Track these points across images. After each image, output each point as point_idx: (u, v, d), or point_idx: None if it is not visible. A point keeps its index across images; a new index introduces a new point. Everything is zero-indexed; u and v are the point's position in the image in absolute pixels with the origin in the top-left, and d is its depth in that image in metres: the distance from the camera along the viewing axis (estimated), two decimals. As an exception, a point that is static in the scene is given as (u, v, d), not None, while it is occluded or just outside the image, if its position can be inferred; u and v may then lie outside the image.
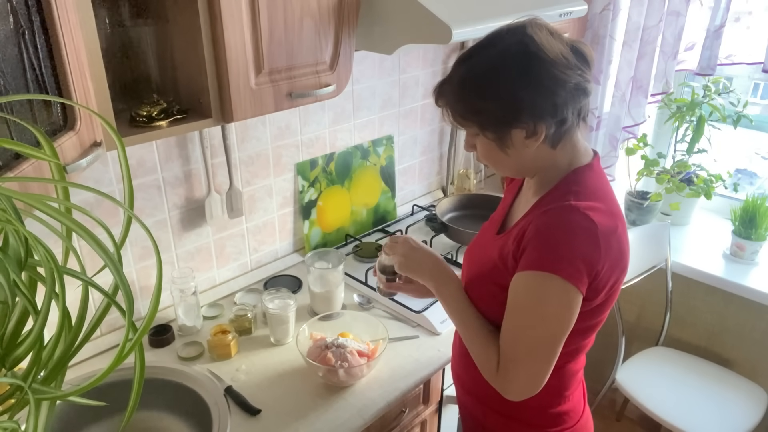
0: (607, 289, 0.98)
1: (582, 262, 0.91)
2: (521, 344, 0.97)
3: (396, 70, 1.93)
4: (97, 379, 0.55)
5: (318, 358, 1.29)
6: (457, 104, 0.98)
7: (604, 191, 1.00)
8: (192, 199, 1.52)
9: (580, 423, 1.14)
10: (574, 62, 0.93)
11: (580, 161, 1.01)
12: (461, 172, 2.21)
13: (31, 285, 0.57)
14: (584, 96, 0.95)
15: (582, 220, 0.92)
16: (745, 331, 2.04)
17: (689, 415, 1.84)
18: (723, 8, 1.81)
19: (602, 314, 1.03)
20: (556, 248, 0.92)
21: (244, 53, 1.13)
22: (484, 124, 0.96)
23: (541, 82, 0.91)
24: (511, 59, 0.92)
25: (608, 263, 0.94)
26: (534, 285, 0.94)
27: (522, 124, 0.93)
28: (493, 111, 0.94)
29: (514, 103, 0.92)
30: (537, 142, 0.95)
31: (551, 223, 0.94)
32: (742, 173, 2.35)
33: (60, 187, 0.61)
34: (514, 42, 0.93)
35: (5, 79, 0.72)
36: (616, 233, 0.95)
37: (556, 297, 0.93)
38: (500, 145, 0.97)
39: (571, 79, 0.92)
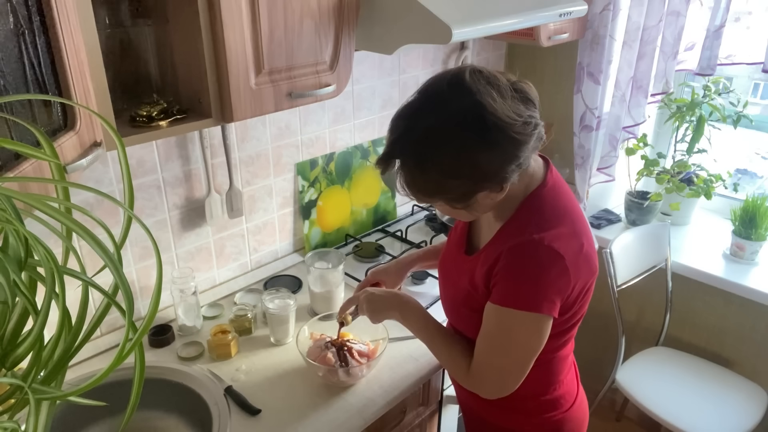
0: (582, 296, 1.03)
1: (555, 293, 0.96)
2: (494, 362, 1.04)
3: (396, 70, 1.93)
4: (97, 379, 0.55)
5: (318, 358, 1.29)
6: (417, 183, 0.95)
7: (563, 209, 1.01)
8: (192, 199, 1.52)
9: (575, 405, 1.19)
10: (527, 114, 0.90)
11: (534, 183, 1.02)
12: (461, 172, 2.20)
13: (31, 285, 0.57)
14: (540, 140, 0.94)
15: (548, 255, 0.95)
16: (745, 331, 2.04)
17: (689, 415, 1.84)
18: (723, 8, 1.80)
19: (581, 313, 1.08)
20: (528, 287, 0.96)
21: (244, 53, 1.13)
22: (451, 198, 0.96)
23: (504, 151, 0.89)
24: (467, 134, 0.88)
25: (579, 281, 0.99)
26: (506, 320, 0.99)
27: (487, 188, 0.93)
28: (457, 186, 0.93)
29: (480, 176, 0.91)
30: (502, 194, 0.95)
31: (521, 262, 0.97)
32: (742, 173, 2.35)
33: (60, 187, 0.61)
34: (464, 109, 0.88)
35: (5, 79, 0.72)
36: (582, 252, 0.99)
37: (526, 329, 0.99)
38: (465, 208, 0.98)
39: (531, 136, 0.91)
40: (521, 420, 1.17)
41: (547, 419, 1.16)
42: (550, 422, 1.16)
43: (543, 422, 1.16)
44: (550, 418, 1.16)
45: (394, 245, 1.90)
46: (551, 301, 0.96)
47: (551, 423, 1.16)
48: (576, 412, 1.20)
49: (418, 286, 1.68)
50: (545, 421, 1.16)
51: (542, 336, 1.00)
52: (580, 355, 1.42)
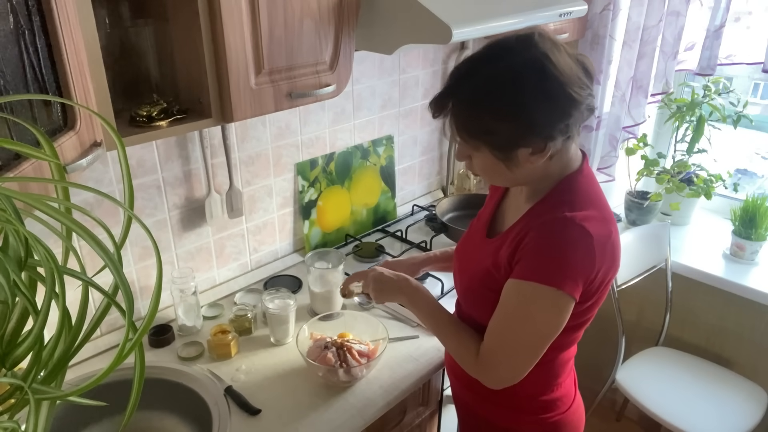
0: (600, 290, 1.02)
1: (579, 273, 0.94)
2: (507, 343, 1.01)
3: (396, 70, 1.93)
4: (97, 379, 0.55)
5: (318, 358, 1.29)
6: (468, 122, 0.95)
7: (596, 195, 1.02)
8: (192, 199, 1.52)
9: (572, 409, 1.19)
10: (585, 81, 0.93)
11: (571, 167, 1.02)
12: (461, 172, 2.21)
13: (31, 285, 0.56)
14: (591, 114, 0.96)
15: (579, 233, 0.94)
16: (745, 331, 2.04)
17: (689, 415, 1.84)
18: (723, 8, 1.80)
19: (593, 311, 1.06)
20: (554, 261, 0.94)
21: (244, 53, 1.13)
22: (494, 143, 0.94)
23: (557, 104, 0.90)
24: (529, 78, 0.90)
25: (603, 269, 0.97)
26: (527, 294, 0.96)
27: (531, 144, 0.93)
28: (506, 131, 0.92)
29: (529, 124, 0.91)
30: (542, 159, 0.95)
31: (549, 237, 0.95)
32: (742, 173, 2.35)
33: (60, 187, 0.61)
34: (529, 59, 0.90)
35: (5, 79, 0.72)
36: (610, 239, 0.98)
37: (547, 306, 0.96)
38: (505, 163, 0.96)
39: (584, 99, 0.92)
40: (518, 418, 1.16)
41: (544, 420, 1.15)
42: (547, 423, 1.16)
43: (540, 422, 1.16)
44: (547, 419, 1.15)
45: (394, 245, 1.90)
46: (574, 280, 0.94)
47: (548, 424, 1.16)
48: (572, 415, 1.19)
49: (418, 286, 1.68)
50: (542, 421, 1.15)
51: (561, 316, 0.96)
52: (581, 354, 1.42)
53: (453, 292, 1.64)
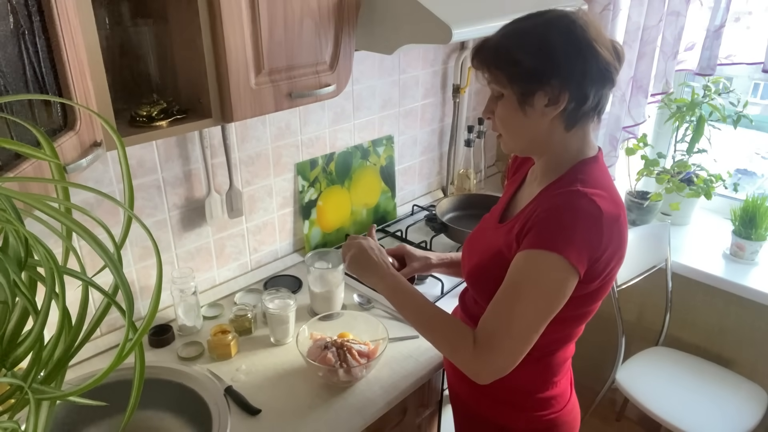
0: (604, 276, 1.00)
1: (584, 245, 0.94)
2: (505, 319, 0.97)
3: (396, 70, 1.93)
4: (97, 379, 0.55)
5: (318, 358, 1.29)
6: (496, 52, 1.00)
7: (608, 183, 1.04)
8: (192, 199, 1.52)
9: (567, 408, 1.19)
10: (611, 52, 0.98)
11: (587, 153, 1.05)
12: (461, 172, 2.21)
13: (31, 285, 0.57)
14: (609, 83, 0.99)
15: (589, 205, 0.95)
16: (745, 331, 2.04)
17: (689, 415, 1.84)
18: (723, 8, 1.81)
19: (595, 303, 1.06)
20: (561, 229, 0.95)
21: (244, 53, 1.13)
22: (514, 76, 0.98)
23: (578, 48, 0.95)
24: (557, 23, 0.97)
25: (609, 249, 0.97)
26: (533, 261, 0.96)
27: (548, 87, 0.96)
28: (528, 62, 0.97)
29: (549, 61, 0.96)
30: (555, 111, 0.98)
31: (559, 206, 0.97)
32: (742, 173, 2.35)
33: (60, 187, 0.61)
34: (563, 14, 0.99)
35: (5, 79, 0.72)
36: (619, 221, 0.98)
37: (551, 273, 0.94)
38: (521, 105, 0.99)
39: (605, 57, 0.96)
40: (514, 415, 1.16)
41: (539, 417, 1.16)
42: (542, 421, 1.16)
43: (535, 419, 1.16)
44: (542, 416, 1.16)
45: (394, 245, 1.89)
46: (579, 251, 0.93)
47: (543, 422, 1.16)
48: (567, 415, 1.19)
49: (419, 286, 1.68)
50: (537, 418, 1.16)
51: (563, 287, 0.95)
52: (581, 355, 1.42)
53: (453, 292, 1.64)
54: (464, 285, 1.23)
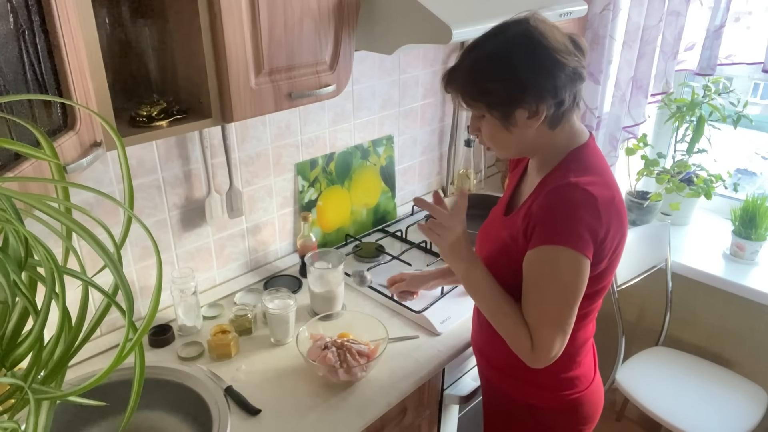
0: (611, 254, 1.07)
1: (586, 231, 1.01)
2: (542, 314, 1.06)
3: (396, 70, 1.93)
4: (97, 379, 0.55)
5: (318, 358, 1.29)
6: (467, 86, 1.06)
7: (601, 166, 1.09)
8: (192, 199, 1.52)
9: (591, 388, 1.25)
10: (572, 49, 1.03)
11: (577, 142, 1.11)
12: (461, 172, 2.21)
13: (31, 285, 0.57)
14: (580, 80, 1.05)
15: (582, 195, 1.01)
16: (745, 331, 2.04)
17: (689, 415, 1.84)
18: (723, 8, 1.81)
19: (607, 278, 1.12)
20: (562, 223, 1.02)
21: (244, 53, 1.13)
22: (492, 104, 1.05)
23: (544, 65, 1.01)
24: (517, 45, 1.02)
25: (610, 229, 1.03)
26: (546, 258, 1.03)
27: (525, 104, 1.02)
28: (500, 91, 1.03)
29: (519, 83, 1.01)
30: (538, 122, 1.04)
31: (555, 201, 1.03)
32: (742, 173, 2.35)
33: (60, 187, 0.61)
34: (520, 31, 1.02)
35: (5, 79, 0.72)
36: (614, 202, 1.05)
37: (567, 266, 1.02)
38: (505, 125, 1.06)
39: (570, 63, 1.01)
40: (539, 395, 1.22)
41: (564, 397, 1.21)
42: (566, 400, 1.21)
43: (560, 399, 1.21)
44: (567, 396, 1.21)
45: (394, 245, 1.90)
46: (585, 239, 1.00)
47: (567, 401, 1.21)
48: (592, 395, 1.25)
49: (418, 286, 1.68)
50: (563, 398, 1.21)
51: (581, 274, 1.02)
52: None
53: (453, 291, 1.64)
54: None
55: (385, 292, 1.59)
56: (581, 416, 1.25)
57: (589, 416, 1.27)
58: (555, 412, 1.23)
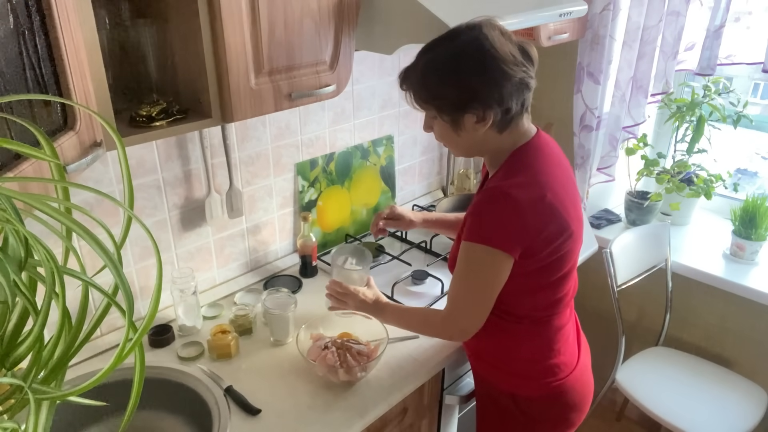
0: (552, 249, 1.13)
1: (505, 231, 1.10)
2: (459, 297, 1.20)
3: (396, 70, 1.92)
4: (97, 379, 0.55)
5: (318, 358, 1.29)
6: (419, 90, 1.13)
7: (535, 165, 1.15)
8: (192, 199, 1.52)
9: (574, 374, 1.29)
10: (521, 60, 1.08)
11: (520, 142, 1.17)
12: (461, 172, 2.21)
13: (31, 285, 0.56)
14: (527, 90, 1.11)
15: (503, 198, 1.10)
16: (745, 331, 2.04)
17: (689, 415, 1.84)
18: (723, 8, 1.80)
19: (560, 271, 1.18)
20: (483, 223, 1.12)
21: (244, 53, 1.13)
22: (441, 108, 1.12)
23: (491, 75, 1.06)
24: (468, 54, 1.07)
25: (542, 225, 1.10)
26: (468, 252, 1.15)
27: (473, 110, 1.09)
28: (450, 97, 1.09)
29: (467, 91, 1.07)
30: (485, 127, 1.11)
31: (479, 203, 1.13)
32: (742, 173, 2.35)
33: (60, 187, 0.61)
34: (472, 38, 1.07)
35: (5, 79, 0.72)
36: (544, 200, 1.11)
37: (482, 260, 1.13)
38: (454, 128, 1.13)
39: (517, 74, 1.07)
40: (521, 383, 1.27)
41: (548, 384, 1.26)
42: (550, 387, 1.26)
43: (545, 386, 1.26)
44: (551, 383, 1.26)
45: (394, 245, 1.90)
46: (503, 238, 1.10)
47: (551, 389, 1.26)
48: (576, 381, 1.29)
49: (418, 286, 1.68)
50: (546, 385, 1.26)
51: (497, 270, 1.13)
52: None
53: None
54: None
55: (385, 291, 1.59)
56: (566, 404, 1.29)
57: (575, 404, 1.30)
58: (539, 400, 1.28)
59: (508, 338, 1.25)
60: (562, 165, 1.21)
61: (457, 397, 1.51)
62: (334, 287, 1.42)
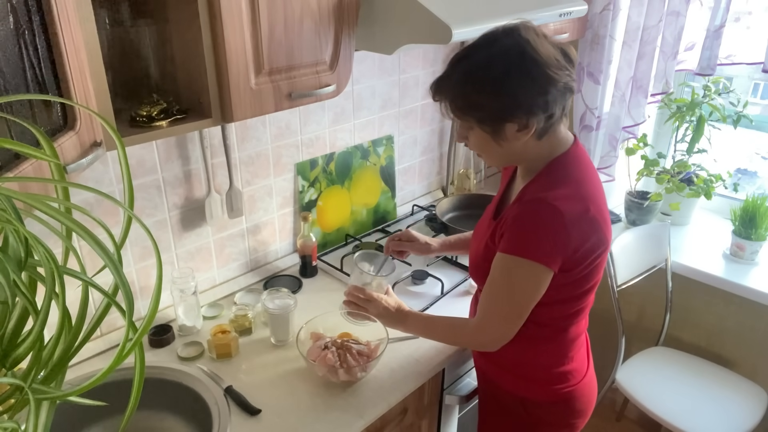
0: (588, 262, 1.10)
1: (550, 245, 1.05)
2: (495, 309, 1.15)
3: (396, 70, 1.93)
4: (97, 379, 0.55)
5: (318, 358, 1.29)
6: (457, 99, 1.07)
7: (579, 176, 1.11)
8: (192, 199, 1.52)
9: (584, 382, 1.28)
10: (563, 63, 1.04)
11: (559, 150, 1.12)
12: (461, 172, 2.21)
13: (31, 285, 0.57)
14: (570, 94, 1.06)
15: (550, 211, 1.04)
16: (745, 331, 2.04)
17: (689, 415, 1.84)
18: (723, 8, 1.81)
19: (593, 280, 1.16)
20: (527, 236, 1.07)
21: (244, 53, 1.13)
22: (482, 118, 1.06)
23: (536, 81, 1.01)
24: (510, 60, 1.01)
25: (583, 242, 1.07)
26: (508, 265, 1.10)
27: (516, 119, 1.04)
28: (491, 106, 1.04)
29: (511, 99, 1.02)
30: (527, 135, 1.06)
31: (525, 215, 1.08)
32: (742, 173, 2.35)
33: (60, 187, 0.61)
34: (512, 44, 1.02)
35: (5, 79, 0.72)
36: (587, 215, 1.07)
37: (524, 275, 1.09)
38: (494, 138, 1.08)
39: (561, 78, 1.02)
40: (533, 388, 1.25)
41: (557, 390, 1.24)
42: (559, 394, 1.24)
43: (553, 392, 1.24)
44: (559, 389, 1.24)
45: (394, 245, 1.90)
46: (547, 253, 1.05)
47: (560, 395, 1.24)
48: (584, 388, 1.28)
49: (418, 286, 1.68)
50: (555, 391, 1.24)
51: (538, 284, 1.09)
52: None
53: (453, 291, 1.64)
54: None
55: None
56: (573, 410, 1.28)
57: (581, 410, 1.29)
58: (548, 405, 1.26)
59: (524, 344, 1.20)
60: (596, 174, 1.17)
61: (457, 397, 1.51)
62: (356, 293, 1.35)
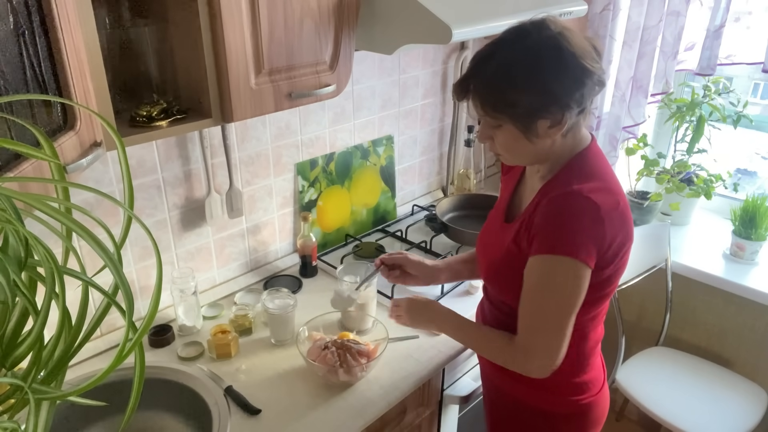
0: (617, 260, 1.05)
1: (589, 240, 0.99)
2: (538, 321, 1.05)
3: (396, 70, 1.93)
4: (97, 379, 0.55)
5: (318, 358, 1.29)
6: (489, 96, 1.01)
7: (603, 170, 1.07)
8: (192, 199, 1.52)
9: (602, 391, 1.22)
10: (595, 56, 1.00)
11: (580, 146, 1.09)
12: (461, 172, 2.21)
13: (31, 285, 0.57)
14: (600, 88, 1.03)
15: (585, 204, 0.99)
16: (745, 331, 2.04)
17: (689, 415, 1.84)
18: (723, 8, 1.81)
19: (614, 282, 1.09)
20: (564, 232, 1.00)
21: (244, 53, 1.13)
22: (516, 115, 1.00)
23: (573, 74, 0.97)
24: (545, 53, 0.97)
25: (616, 236, 1.02)
26: (547, 266, 1.02)
27: (550, 114, 0.99)
28: (527, 102, 0.98)
29: (547, 94, 0.97)
30: (560, 131, 1.01)
31: (558, 209, 1.01)
32: (742, 173, 2.35)
33: (60, 187, 0.61)
34: (545, 37, 0.97)
35: (5, 79, 0.72)
36: (618, 208, 1.03)
37: (566, 275, 1.00)
38: (526, 135, 1.02)
39: (597, 71, 0.99)
40: (551, 399, 1.18)
41: (576, 401, 1.18)
42: (578, 405, 1.18)
43: (572, 404, 1.18)
44: (579, 401, 1.18)
45: (394, 245, 1.90)
46: (587, 248, 0.99)
47: (580, 406, 1.18)
48: (602, 399, 1.22)
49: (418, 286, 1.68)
50: (574, 403, 1.18)
51: (580, 283, 1.01)
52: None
53: (453, 291, 1.64)
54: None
55: (386, 291, 1.60)
56: (591, 421, 1.22)
57: (597, 420, 1.24)
58: (567, 417, 1.20)
59: None
60: (613, 170, 1.13)
61: (457, 397, 1.51)
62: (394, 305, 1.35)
